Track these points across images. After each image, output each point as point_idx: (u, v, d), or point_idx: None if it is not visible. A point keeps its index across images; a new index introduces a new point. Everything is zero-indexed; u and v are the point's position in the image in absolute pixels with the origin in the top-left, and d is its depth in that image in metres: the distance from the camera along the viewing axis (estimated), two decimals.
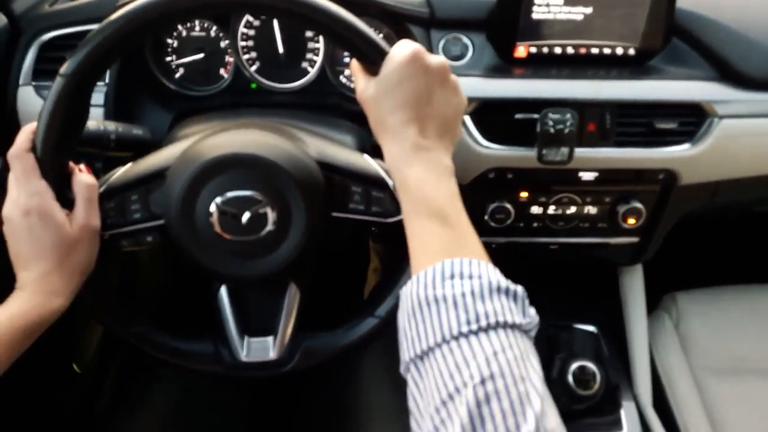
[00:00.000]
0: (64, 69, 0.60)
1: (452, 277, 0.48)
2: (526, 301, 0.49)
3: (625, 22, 0.85)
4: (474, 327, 0.44)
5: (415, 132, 0.57)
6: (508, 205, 0.94)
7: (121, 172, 0.69)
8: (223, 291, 0.72)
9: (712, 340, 1.06)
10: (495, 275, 0.49)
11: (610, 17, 0.84)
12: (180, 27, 0.96)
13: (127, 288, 0.85)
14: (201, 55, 0.97)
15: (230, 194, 0.63)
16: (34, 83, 0.90)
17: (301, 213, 0.64)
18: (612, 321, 1.14)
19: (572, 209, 0.96)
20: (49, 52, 0.89)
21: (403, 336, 0.49)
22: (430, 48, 0.88)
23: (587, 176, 0.91)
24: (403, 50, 0.58)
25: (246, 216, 0.64)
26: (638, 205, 0.93)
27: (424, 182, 0.56)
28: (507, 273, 0.51)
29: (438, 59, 0.59)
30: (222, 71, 0.99)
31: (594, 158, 0.87)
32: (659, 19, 0.84)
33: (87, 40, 0.60)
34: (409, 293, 0.50)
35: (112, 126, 0.77)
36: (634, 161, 0.87)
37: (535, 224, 0.98)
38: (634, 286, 1.13)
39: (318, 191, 0.66)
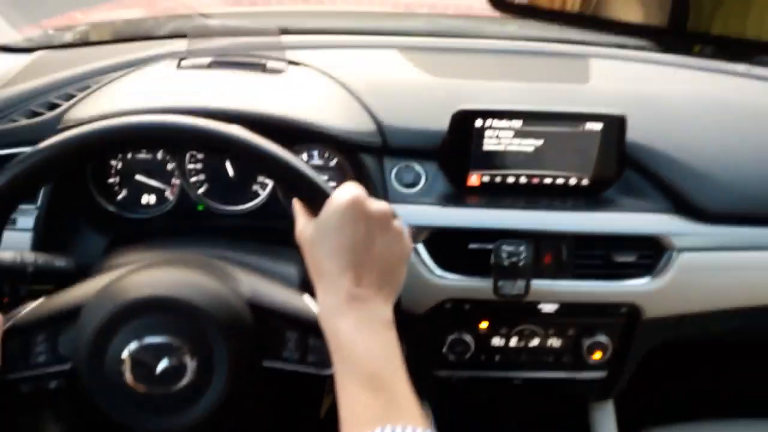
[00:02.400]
0: None
1: None
2: None
3: (577, 153, 0.84)
4: None
5: (350, 281, 0.53)
6: (468, 337, 0.89)
7: (30, 309, 0.62)
8: None
9: None
10: None
11: (562, 149, 0.84)
12: None
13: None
14: (145, 178, 0.93)
15: (146, 340, 0.57)
16: None
17: (224, 362, 0.58)
18: None
19: (535, 341, 0.91)
20: None
21: None
22: (383, 176, 0.86)
23: (548, 308, 0.86)
24: (343, 195, 0.55)
25: (162, 365, 0.57)
26: (603, 338, 0.88)
27: (355, 338, 0.51)
28: (468, 408, 0.44)
29: (379, 205, 0.56)
30: (167, 193, 0.95)
31: (553, 291, 0.83)
32: (610, 150, 0.84)
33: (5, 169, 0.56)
34: None
35: (30, 257, 0.71)
36: (594, 295, 0.84)
37: (497, 357, 0.92)
38: (604, 422, 1.05)
39: (246, 336, 0.60)
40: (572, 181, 0.86)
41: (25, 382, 0.60)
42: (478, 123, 0.82)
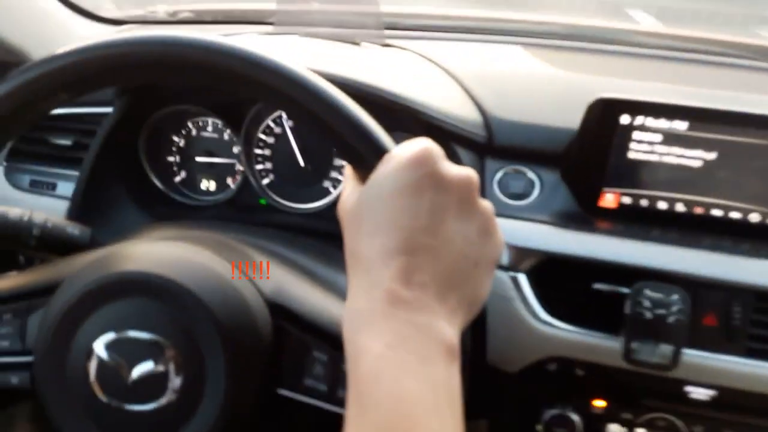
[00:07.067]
0: None
1: None
2: None
3: (765, 177, 0.60)
4: None
5: (396, 275, 0.33)
6: (575, 417, 0.66)
7: (1, 278, 0.49)
8: None
9: None
10: None
11: (743, 169, 0.60)
12: (190, 125, 0.81)
13: None
14: (208, 159, 0.81)
15: (128, 334, 0.42)
16: (5, 163, 0.78)
17: (219, 382, 0.41)
18: None
19: None
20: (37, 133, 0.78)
21: None
22: (483, 180, 0.67)
23: (699, 394, 0.62)
24: (407, 150, 0.36)
25: (137, 372, 0.41)
26: None
27: (385, 366, 0.31)
28: None
29: (461, 171, 0.36)
30: (229, 180, 0.82)
31: (712, 368, 0.60)
32: None
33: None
34: None
35: (40, 218, 0.59)
36: None
37: None
38: None
39: (257, 351, 0.43)
40: (754, 218, 0.61)
41: None
42: (625, 120, 0.60)
